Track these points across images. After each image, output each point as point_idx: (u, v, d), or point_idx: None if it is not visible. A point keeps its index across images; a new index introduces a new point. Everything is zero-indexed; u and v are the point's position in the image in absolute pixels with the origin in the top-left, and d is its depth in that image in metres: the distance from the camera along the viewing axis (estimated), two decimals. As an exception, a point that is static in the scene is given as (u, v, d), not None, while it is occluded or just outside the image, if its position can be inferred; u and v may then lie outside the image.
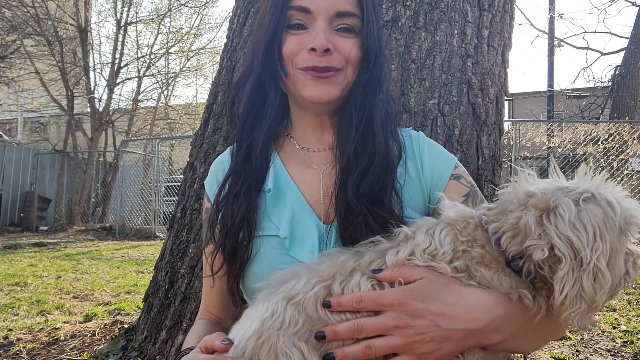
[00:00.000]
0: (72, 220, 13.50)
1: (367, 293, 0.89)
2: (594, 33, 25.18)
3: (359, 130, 1.11)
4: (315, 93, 1.09)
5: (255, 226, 1.13)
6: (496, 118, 2.08)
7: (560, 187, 0.88)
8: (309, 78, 1.09)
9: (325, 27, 1.07)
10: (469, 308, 0.88)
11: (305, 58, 1.08)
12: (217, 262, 1.17)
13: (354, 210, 1.05)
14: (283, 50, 1.10)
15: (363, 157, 1.09)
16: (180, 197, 2.45)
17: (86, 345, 2.74)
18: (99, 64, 17.18)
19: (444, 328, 0.87)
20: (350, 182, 1.08)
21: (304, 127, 1.22)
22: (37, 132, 21.37)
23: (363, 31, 1.10)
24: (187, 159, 2.50)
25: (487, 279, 0.91)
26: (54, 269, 6.01)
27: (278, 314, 0.90)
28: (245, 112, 1.19)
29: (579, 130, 10.45)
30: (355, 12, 1.10)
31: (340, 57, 1.09)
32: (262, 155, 1.17)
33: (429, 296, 0.88)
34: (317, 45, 1.05)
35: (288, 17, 1.09)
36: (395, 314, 0.87)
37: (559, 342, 3.01)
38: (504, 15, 2.11)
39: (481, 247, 0.92)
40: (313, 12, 1.08)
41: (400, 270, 0.91)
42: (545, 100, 15.10)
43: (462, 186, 1.17)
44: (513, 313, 0.90)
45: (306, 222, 1.11)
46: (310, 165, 1.18)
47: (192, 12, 17.76)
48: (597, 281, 0.81)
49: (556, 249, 0.83)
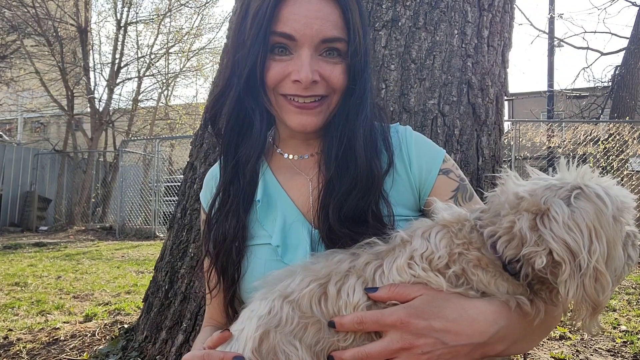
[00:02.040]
0: (72, 220, 13.49)
1: (368, 313, 0.88)
2: (594, 33, 25.16)
3: (339, 156, 1.09)
4: (299, 123, 1.08)
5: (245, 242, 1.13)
6: (496, 118, 2.08)
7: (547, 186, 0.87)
8: (293, 109, 1.07)
9: (310, 56, 1.03)
10: (473, 322, 0.87)
11: (289, 86, 1.05)
12: (213, 279, 1.18)
13: (337, 233, 1.04)
14: (267, 77, 1.06)
15: (345, 180, 1.07)
16: (180, 197, 2.45)
17: (86, 345, 2.74)
18: (99, 64, 17.22)
19: (449, 345, 0.85)
20: (332, 205, 1.06)
21: (290, 140, 1.21)
22: (37, 132, 21.36)
23: (349, 54, 1.06)
24: (187, 159, 2.50)
25: (484, 283, 0.90)
26: (54, 269, 6.01)
27: (275, 312, 0.90)
28: (229, 130, 1.17)
29: (579, 130, 10.44)
30: (341, 37, 1.05)
31: (326, 85, 1.07)
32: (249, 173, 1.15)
33: (431, 313, 0.86)
34: (302, 79, 1.02)
35: (271, 42, 1.05)
36: (399, 334, 0.85)
37: (559, 342, 3.02)
38: (504, 15, 2.11)
39: (477, 250, 0.91)
40: (298, 39, 1.03)
41: (397, 289, 0.89)
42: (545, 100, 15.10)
43: (451, 181, 1.16)
44: (514, 321, 0.89)
45: (298, 228, 1.11)
46: (299, 173, 1.18)
47: (192, 12, 17.77)
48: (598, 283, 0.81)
49: (555, 253, 0.82)
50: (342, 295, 0.90)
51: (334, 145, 1.10)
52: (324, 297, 0.91)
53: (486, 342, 0.87)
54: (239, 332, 0.93)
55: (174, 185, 11.15)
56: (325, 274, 0.93)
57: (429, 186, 1.14)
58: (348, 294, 0.90)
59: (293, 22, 1.02)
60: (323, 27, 1.02)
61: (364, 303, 0.90)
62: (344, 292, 0.90)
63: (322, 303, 0.91)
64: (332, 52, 1.06)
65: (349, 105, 1.10)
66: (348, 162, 1.09)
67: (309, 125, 1.08)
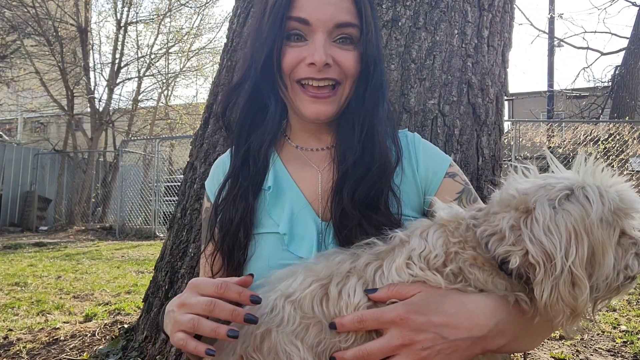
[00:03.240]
0: (72, 220, 13.49)
1: (368, 312, 0.88)
2: (594, 33, 25.22)
3: (361, 142, 1.12)
4: (313, 111, 1.11)
5: (253, 227, 1.14)
6: (496, 118, 2.08)
7: (543, 185, 0.85)
8: (307, 98, 1.10)
9: (324, 41, 1.08)
10: (471, 315, 0.87)
11: (304, 71, 1.09)
12: (217, 263, 1.18)
13: (349, 215, 1.06)
14: (283, 63, 1.10)
15: (361, 165, 1.10)
16: (180, 197, 2.45)
17: (86, 345, 2.74)
18: (99, 64, 17.19)
19: (449, 339, 0.86)
20: (346, 188, 1.09)
21: (302, 131, 1.24)
22: (37, 132, 21.36)
23: (362, 41, 1.11)
24: (187, 159, 2.50)
25: (481, 282, 0.90)
26: (54, 269, 6.01)
27: (277, 311, 0.90)
28: (242, 117, 1.20)
29: (579, 130, 10.44)
30: (354, 23, 1.10)
31: (339, 70, 1.10)
32: (261, 158, 1.18)
33: (430, 309, 0.87)
34: (317, 61, 1.06)
35: (287, 28, 1.09)
36: (399, 331, 0.86)
37: (559, 342, 3.02)
38: (504, 15, 2.11)
39: (472, 249, 0.90)
40: (312, 24, 1.08)
41: (396, 288, 0.89)
42: (545, 100, 15.10)
43: (457, 183, 1.18)
44: (513, 315, 0.90)
45: (305, 219, 1.13)
46: (309, 164, 1.20)
47: (192, 12, 17.75)
48: (576, 288, 0.79)
49: (529, 255, 0.81)
50: (343, 296, 0.90)
51: (355, 131, 1.12)
52: (325, 298, 0.91)
53: (485, 336, 0.88)
54: (239, 327, 0.93)
55: (174, 185, 11.15)
56: (327, 275, 0.93)
57: (434, 187, 1.17)
58: (349, 294, 0.90)
59: (307, 7, 1.08)
60: (336, 12, 1.08)
61: (365, 304, 0.90)
62: (345, 293, 0.90)
63: (323, 304, 0.91)
64: (345, 40, 1.10)
65: (364, 93, 1.13)
66: (366, 149, 1.12)
67: (323, 114, 1.11)
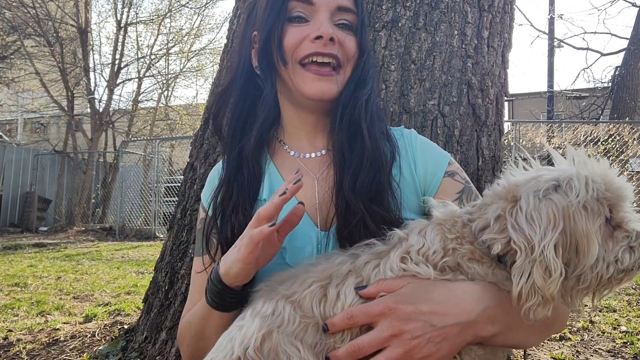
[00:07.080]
0: (72, 221, 13.50)
1: (357, 307, 0.89)
2: (594, 34, 25.22)
3: (344, 125, 1.11)
4: (318, 89, 1.09)
5: None
6: (496, 119, 2.08)
7: (534, 177, 0.88)
8: (310, 75, 1.09)
9: (328, 19, 1.09)
10: (459, 301, 0.88)
11: (308, 46, 1.09)
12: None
13: (353, 209, 1.05)
14: (285, 41, 1.10)
15: (354, 154, 1.10)
16: (180, 198, 2.44)
17: (86, 346, 2.74)
18: (99, 65, 17.22)
19: (438, 327, 0.86)
20: (345, 180, 1.08)
21: (297, 129, 1.21)
22: (37, 132, 21.37)
23: (359, 28, 1.13)
24: (187, 160, 2.50)
25: (481, 275, 0.91)
26: (54, 270, 6.01)
27: (278, 313, 0.91)
28: (234, 118, 1.19)
29: (579, 131, 10.44)
30: (353, 9, 1.13)
31: (343, 52, 1.11)
32: (254, 161, 1.15)
33: (418, 298, 0.87)
34: (324, 33, 1.06)
35: (289, 9, 1.10)
36: (388, 322, 0.86)
37: (559, 342, 3.01)
38: (504, 15, 2.11)
39: (469, 243, 0.92)
40: (315, 3, 1.09)
41: (385, 283, 0.90)
42: (545, 100, 15.11)
43: (457, 183, 1.17)
44: (505, 303, 0.89)
45: (304, 230, 1.10)
46: (305, 172, 1.17)
47: (192, 12, 17.83)
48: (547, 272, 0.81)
49: (512, 241, 0.84)
50: (340, 297, 0.91)
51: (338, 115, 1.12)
52: (324, 299, 0.92)
53: (475, 321, 0.88)
54: (239, 328, 0.93)
55: (174, 186, 11.16)
56: (327, 276, 0.94)
57: (434, 188, 1.15)
58: (345, 294, 0.91)
59: None
60: None
61: (357, 302, 0.90)
62: (342, 294, 0.91)
63: (321, 305, 0.91)
64: (344, 26, 1.13)
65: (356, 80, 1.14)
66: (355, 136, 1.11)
67: (327, 92, 1.10)
